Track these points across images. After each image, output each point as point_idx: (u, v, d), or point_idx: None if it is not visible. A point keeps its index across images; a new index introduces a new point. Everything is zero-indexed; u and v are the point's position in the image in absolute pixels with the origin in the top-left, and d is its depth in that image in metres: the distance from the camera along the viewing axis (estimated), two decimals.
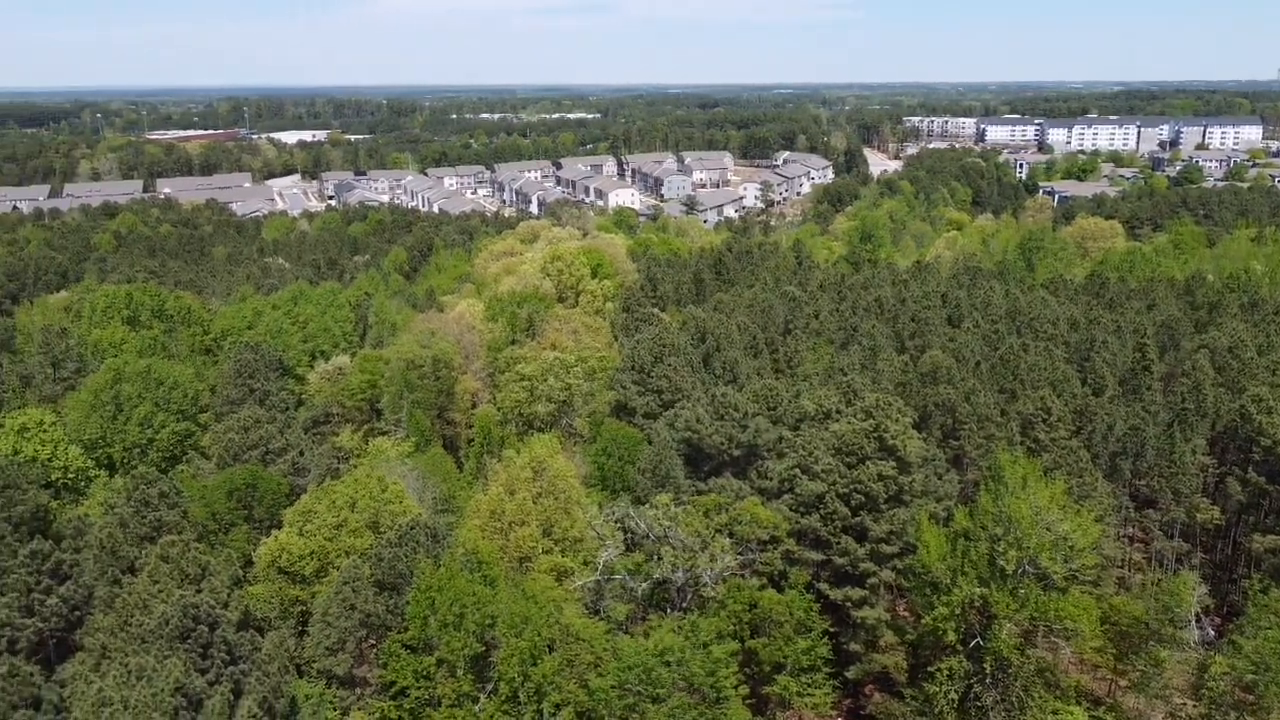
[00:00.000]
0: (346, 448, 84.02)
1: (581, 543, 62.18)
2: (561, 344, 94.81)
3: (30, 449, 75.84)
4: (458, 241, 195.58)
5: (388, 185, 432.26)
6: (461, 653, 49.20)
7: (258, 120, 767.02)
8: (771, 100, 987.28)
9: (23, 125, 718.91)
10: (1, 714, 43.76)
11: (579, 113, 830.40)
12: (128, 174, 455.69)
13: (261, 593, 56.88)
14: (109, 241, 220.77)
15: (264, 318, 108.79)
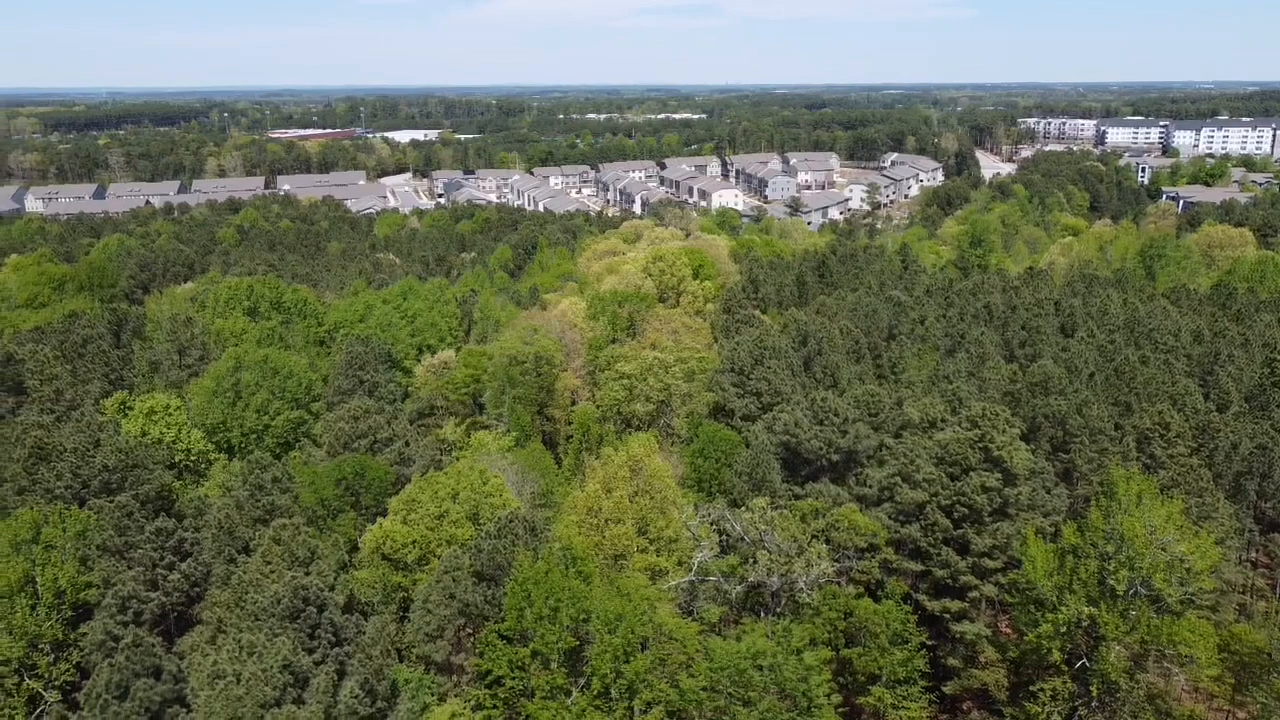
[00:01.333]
0: (450, 440, 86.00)
1: (676, 543, 62.32)
2: (661, 344, 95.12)
3: (157, 431, 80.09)
4: (561, 240, 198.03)
5: (495, 184, 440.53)
6: (556, 646, 49.87)
7: (373, 120, 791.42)
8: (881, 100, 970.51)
9: (157, 124, 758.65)
10: (125, 681, 46.30)
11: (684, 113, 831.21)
12: (251, 171, 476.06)
13: (366, 578, 58.69)
14: (232, 235, 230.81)
15: (375, 312, 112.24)
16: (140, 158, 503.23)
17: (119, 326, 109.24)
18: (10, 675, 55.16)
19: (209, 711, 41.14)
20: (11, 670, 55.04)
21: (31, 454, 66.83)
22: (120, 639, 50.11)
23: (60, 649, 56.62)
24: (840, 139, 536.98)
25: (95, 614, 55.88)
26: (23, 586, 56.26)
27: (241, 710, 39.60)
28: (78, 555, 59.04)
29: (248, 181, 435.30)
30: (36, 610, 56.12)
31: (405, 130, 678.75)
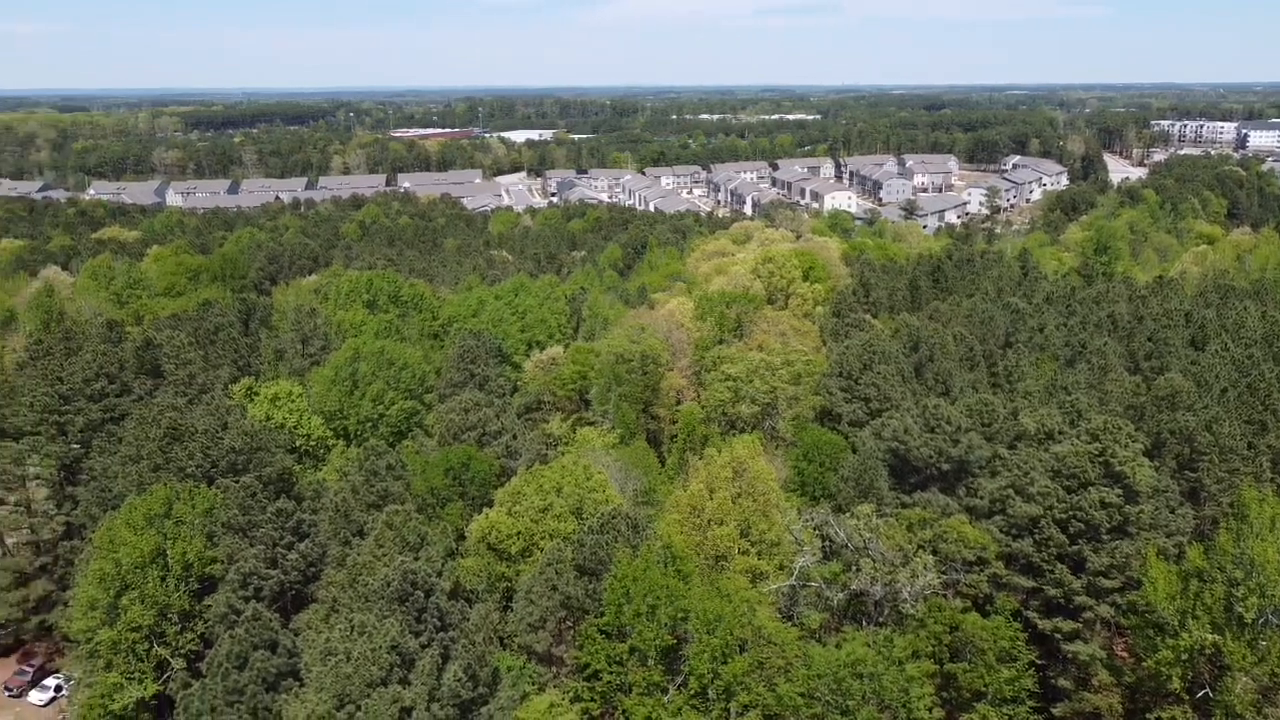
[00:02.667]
0: (556, 435, 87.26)
1: (778, 546, 61.88)
2: (769, 346, 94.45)
3: (280, 416, 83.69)
4: (671, 240, 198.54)
5: (607, 184, 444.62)
6: (653, 643, 50.15)
7: (490, 120, 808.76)
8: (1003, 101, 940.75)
9: (288, 123, 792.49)
10: (244, 652, 48.64)
11: (798, 114, 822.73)
12: (373, 168, 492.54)
13: (471, 566, 60.12)
14: (355, 230, 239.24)
15: (487, 307, 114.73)
16: (271, 155, 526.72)
17: (248, 316, 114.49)
18: (142, 641, 58.60)
19: (320, 686, 42.83)
20: (143, 636, 58.46)
21: (166, 434, 70.67)
22: (241, 612, 52.65)
23: (186, 619, 59.81)
24: (959, 141, 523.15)
25: (219, 588, 58.84)
26: (154, 558, 59.64)
27: (350, 687, 41.08)
28: (205, 531, 62.24)
29: (370, 179, 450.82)
30: (166, 581, 59.41)
31: (521, 130, 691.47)
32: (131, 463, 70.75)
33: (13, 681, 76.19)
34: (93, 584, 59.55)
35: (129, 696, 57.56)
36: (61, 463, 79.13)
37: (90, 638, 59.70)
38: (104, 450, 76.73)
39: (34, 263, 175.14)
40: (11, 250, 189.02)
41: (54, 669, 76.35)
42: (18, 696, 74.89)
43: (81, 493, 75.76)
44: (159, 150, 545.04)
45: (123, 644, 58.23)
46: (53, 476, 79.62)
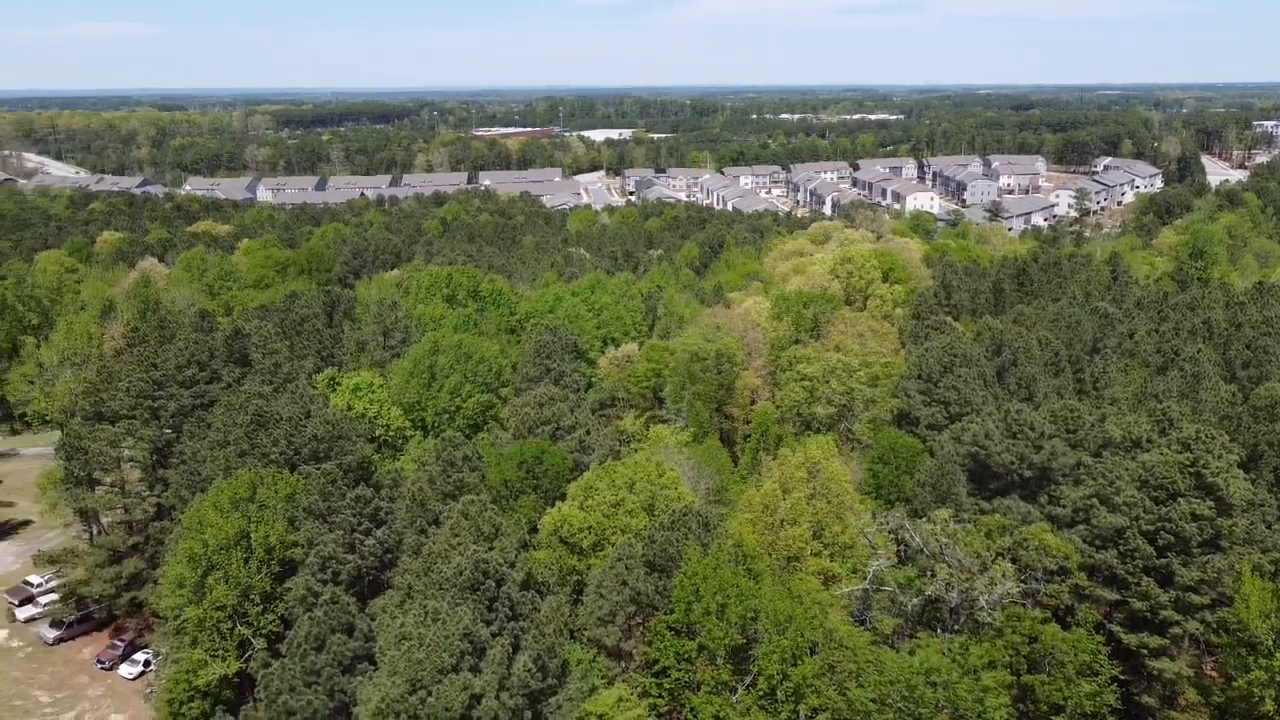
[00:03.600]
0: (629, 432, 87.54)
1: (852, 549, 61.06)
2: (846, 347, 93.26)
3: (360, 406, 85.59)
4: (748, 240, 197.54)
5: (685, 183, 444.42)
6: (723, 642, 49.92)
7: (570, 119, 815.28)
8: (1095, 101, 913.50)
9: (374, 122, 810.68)
10: (322, 634, 49.83)
11: (880, 114, 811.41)
12: (455, 166, 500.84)
13: (543, 558, 60.61)
14: (436, 227, 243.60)
15: (564, 303, 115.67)
16: (357, 153, 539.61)
17: (332, 308, 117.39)
18: (225, 620, 60.46)
19: (394, 670, 43.62)
20: (226, 616, 60.32)
21: (252, 420, 72.83)
22: (320, 595, 53.94)
23: (268, 601, 61.51)
24: (1048, 142, 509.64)
25: (299, 571, 60.35)
26: (239, 540, 61.48)
27: (423, 672, 41.74)
28: (287, 516, 63.92)
29: (452, 177, 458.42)
30: (249, 563, 61.17)
31: (601, 129, 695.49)
32: (219, 447, 73.08)
33: (105, 655, 79.38)
34: (181, 563, 61.66)
35: (213, 673, 59.43)
36: (154, 446, 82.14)
37: (178, 615, 61.83)
38: (194, 435, 79.45)
39: (133, 254, 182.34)
40: (112, 242, 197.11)
41: (143, 644, 79.28)
42: (109, 669, 77.99)
43: (172, 475, 78.55)
44: (251, 148, 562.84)
45: (208, 622, 60.15)
46: (146, 459, 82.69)
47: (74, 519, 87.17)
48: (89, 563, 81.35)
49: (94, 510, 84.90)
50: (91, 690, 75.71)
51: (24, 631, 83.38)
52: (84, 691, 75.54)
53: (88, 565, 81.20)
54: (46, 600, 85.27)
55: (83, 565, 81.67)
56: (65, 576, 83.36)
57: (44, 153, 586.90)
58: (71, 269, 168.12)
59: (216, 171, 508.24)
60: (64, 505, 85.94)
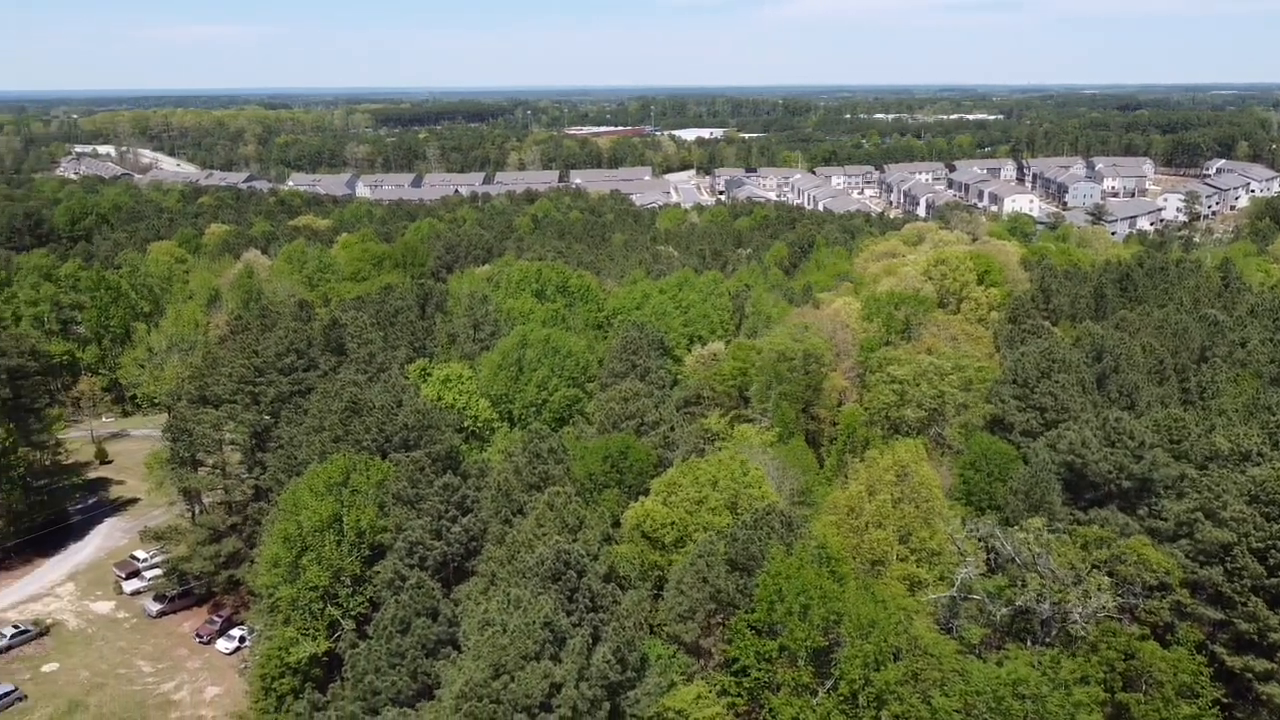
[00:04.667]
0: (713, 430, 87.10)
1: (939, 556, 59.70)
2: (938, 349, 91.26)
3: (450, 397, 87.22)
4: (839, 240, 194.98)
5: (775, 182, 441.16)
6: (804, 643, 49.31)
7: (662, 118, 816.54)
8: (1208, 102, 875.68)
9: (469, 120, 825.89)
10: (408, 617, 50.92)
11: (979, 114, 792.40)
12: (547, 165, 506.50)
13: (625, 552, 60.80)
14: (527, 224, 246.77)
15: (651, 300, 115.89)
16: (452, 151, 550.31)
17: (424, 301, 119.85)
18: (317, 600, 62.29)
19: (477, 655, 44.29)
20: (318, 596, 62.14)
21: (347, 408, 74.85)
22: (406, 580, 55.09)
23: (357, 583, 63.16)
24: (1156, 143, 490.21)
25: (387, 555, 61.79)
26: (332, 524, 63.28)
27: (505, 658, 42.28)
28: (377, 501, 65.54)
29: (543, 175, 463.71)
30: (341, 546, 62.91)
31: (692, 129, 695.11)
32: (315, 433, 75.33)
33: (203, 629, 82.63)
34: (276, 543, 63.76)
35: (303, 651, 61.29)
36: (253, 430, 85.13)
37: (272, 593, 63.97)
38: (291, 420, 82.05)
39: (238, 246, 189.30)
40: (219, 235, 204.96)
41: (239, 620, 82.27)
42: (207, 643, 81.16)
43: (270, 458, 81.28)
44: (351, 145, 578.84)
45: (300, 601, 62.05)
46: (245, 442, 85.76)
47: (178, 498, 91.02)
48: (191, 540, 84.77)
49: (197, 490, 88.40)
50: (190, 662, 78.87)
51: (130, 604, 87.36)
52: (183, 663, 78.75)
53: (190, 543, 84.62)
54: (151, 575, 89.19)
55: (185, 543, 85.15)
56: (169, 553, 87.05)
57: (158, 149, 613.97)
58: (181, 259, 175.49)
59: (318, 168, 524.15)
60: (169, 484, 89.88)
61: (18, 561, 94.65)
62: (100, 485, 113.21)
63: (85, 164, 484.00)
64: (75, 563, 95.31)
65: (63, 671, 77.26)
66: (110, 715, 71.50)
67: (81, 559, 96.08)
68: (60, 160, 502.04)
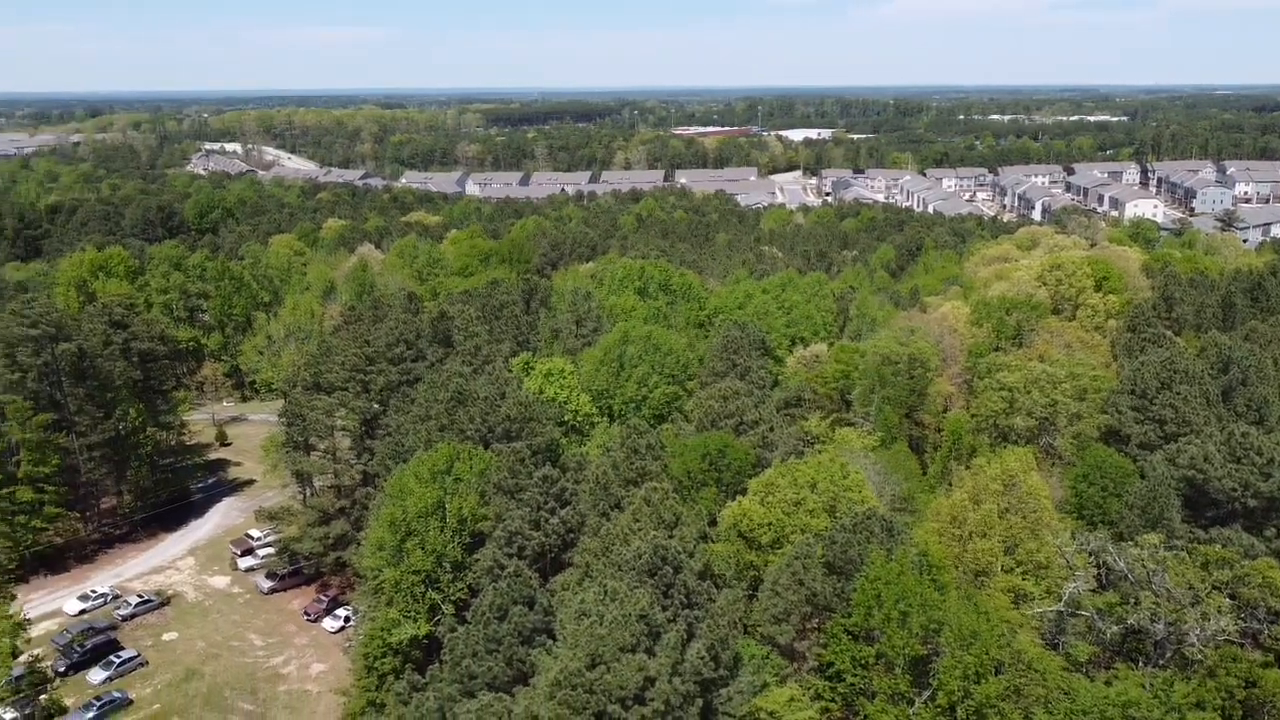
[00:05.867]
0: (813, 433, 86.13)
1: (1046, 569, 57.82)
2: (1051, 357, 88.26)
3: (551, 391, 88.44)
4: (949, 243, 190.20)
5: (884, 184, 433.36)
6: (902, 651, 48.36)
7: (769, 119, 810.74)
8: None
9: (577, 120, 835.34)
10: (505, 605, 51.80)
11: (1101, 115, 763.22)
12: (652, 164, 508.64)
13: (721, 551, 60.63)
14: (631, 222, 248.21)
15: (753, 300, 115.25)
16: (560, 150, 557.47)
17: (529, 296, 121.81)
18: (419, 584, 63.93)
19: (573, 644, 44.77)
20: (420, 580, 63.76)
21: (452, 398, 76.66)
22: (505, 568, 56.08)
23: (458, 569, 64.58)
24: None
25: (487, 543, 63.00)
26: (435, 510, 64.84)
27: (601, 648, 42.60)
28: (478, 490, 66.90)
29: (649, 174, 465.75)
30: (443, 532, 64.41)
31: (799, 129, 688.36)
32: (421, 421, 77.35)
33: (311, 608, 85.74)
34: (382, 527, 65.70)
35: (405, 633, 63.00)
36: (363, 417, 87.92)
37: (376, 576, 65.95)
38: (399, 409, 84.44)
39: (353, 240, 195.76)
40: (336, 229, 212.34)
41: (345, 601, 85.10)
42: (314, 621, 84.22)
43: (378, 445, 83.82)
44: (462, 144, 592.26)
45: (403, 584, 63.79)
46: (355, 429, 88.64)
47: (291, 480, 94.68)
48: (302, 522, 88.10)
49: (308, 473, 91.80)
50: (298, 639, 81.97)
51: (244, 580, 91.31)
52: (291, 639, 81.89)
53: (300, 524, 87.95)
54: (264, 553, 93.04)
55: (296, 524, 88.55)
56: (281, 533, 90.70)
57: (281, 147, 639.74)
58: (300, 252, 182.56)
59: (430, 166, 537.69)
60: (283, 467, 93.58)
61: (143, 535, 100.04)
62: (220, 466, 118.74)
63: (214, 160, 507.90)
64: (195, 539, 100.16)
65: (181, 641, 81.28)
66: (223, 685, 74.90)
67: (201, 535, 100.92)
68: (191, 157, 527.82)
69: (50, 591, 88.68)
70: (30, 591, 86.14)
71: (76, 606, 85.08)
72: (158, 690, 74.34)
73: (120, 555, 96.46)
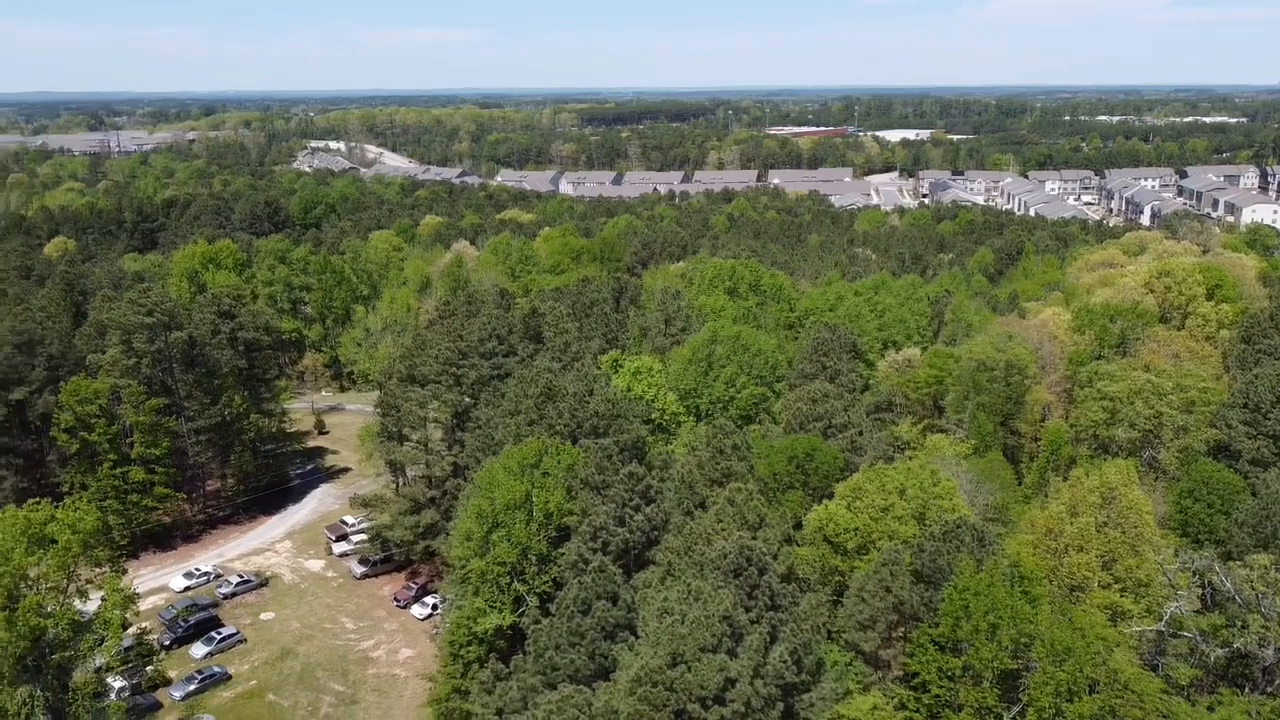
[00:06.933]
0: (904, 438, 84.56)
1: (1146, 587, 55.68)
2: (1157, 367, 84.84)
3: (639, 389, 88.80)
4: (1050, 248, 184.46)
5: (984, 186, 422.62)
6: (991, 664, 47.14)
7: (866, 119, 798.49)
8: None
9: (671, 120, 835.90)
10: (589, 599, 52.23)
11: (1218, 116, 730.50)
12: (746, 164, 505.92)
13: (806, 555, 60.01)
14: (723, 222, 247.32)
15: (845, 302, 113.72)
16: (653, 150, 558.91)
17: (619, 294, 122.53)
18: (505, 575, 64.97)
19: (654, 642, 44.91)
20: (506, 571, 64.80)
21: (541, 393, 77.61)
22: (589, 563, 56.55)
23: (543, 562, 65.41)
24: None
25: (572, 537, 63.64)
26: (522, 503, 65.78)
27: (683, 647, 42.67)
28: (565, 485, 67.59)
29: (741, 174, 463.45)
30: (530, 525, 65.32)
31: (897, 130, 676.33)
32: (511, 416, 78.53)
33: (401, 594, 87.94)
34: (470, 518, 66.95)
35: (490, 622, 64.10)
36: (455, 410, 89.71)
37: (464, 565, 67.22)
38: (489, 402, 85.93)
39: (449, 237, 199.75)
40: (432, 226, 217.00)
41: (433, 588, 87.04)
42: (403, 608, 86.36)
43: (468, 438, 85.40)
44: (557, 143, 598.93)
45: (489, 575, 64.90)
46: (447, 421, 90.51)
47: (385, 469, 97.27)
48: (394, 510, 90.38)
49: (401, 463, 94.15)
50: (387, 624, 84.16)
51: (338, 564, 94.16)
52: (381, 624, 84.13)
53: (393, 512, 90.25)
54: (357, 539, 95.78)
55: (389, 512, 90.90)
56: (374, 520, 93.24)
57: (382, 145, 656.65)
58: (398, 248, 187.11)
59: (525, 165, 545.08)
60: (377, 456, 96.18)
61: (245, 518, 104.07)
62: (317, 453, 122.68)
63: (318, 158, 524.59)
64: (293, 523, 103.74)
65: (277, 621, 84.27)
66: (316, 665, 77.38)
67: (298, 520, 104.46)
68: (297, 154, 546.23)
69: (158, 568, 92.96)
70: (140, 567, 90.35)
71: (182, 583, 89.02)
72: (254, 667, 77.22)
73: (223, 536, 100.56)
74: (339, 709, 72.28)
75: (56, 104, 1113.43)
